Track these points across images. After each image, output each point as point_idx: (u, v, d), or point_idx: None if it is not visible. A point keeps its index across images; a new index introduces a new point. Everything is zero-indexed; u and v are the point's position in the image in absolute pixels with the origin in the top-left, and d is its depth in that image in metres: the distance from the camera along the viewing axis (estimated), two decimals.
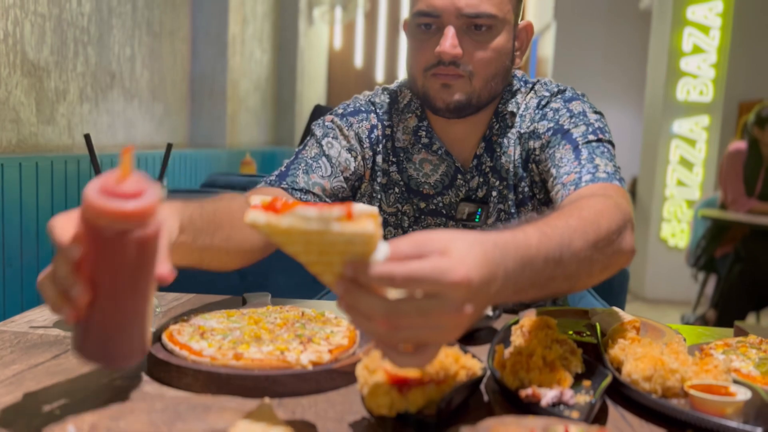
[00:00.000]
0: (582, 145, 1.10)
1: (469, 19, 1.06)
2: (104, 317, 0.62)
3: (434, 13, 1.06)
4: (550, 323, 0.87)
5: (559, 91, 1.20)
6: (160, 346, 0.80)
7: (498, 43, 1.09)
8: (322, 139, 1.19)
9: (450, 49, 1.05)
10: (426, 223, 1.22)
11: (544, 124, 1.15)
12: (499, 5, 1.07)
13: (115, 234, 0.58)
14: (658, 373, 0.75)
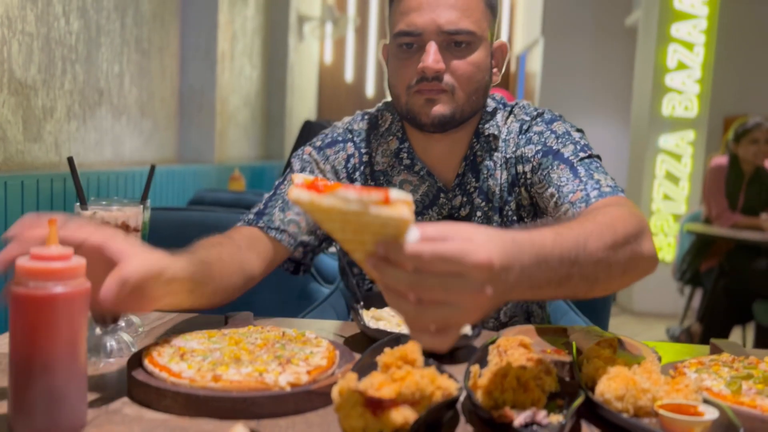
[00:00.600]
0: (577, 164, 1.13)
1: (449, 35, 1.09)
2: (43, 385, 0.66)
3: (415, 31, 1.10)
4: (525, 343, 0.88)
5: (538, 114, 1.23)
6: (140, 368, 0.80)
7: (477, 59, 1.12)
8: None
9: (433, 63, 1.08)
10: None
11: (531, 147, 1.18)
12: (477, 22, 1.11)
13: (47, 295, 0.65)
14: (629, 393, 0.76)
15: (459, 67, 1.11)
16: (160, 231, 1.47)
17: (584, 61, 6.99)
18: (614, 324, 4.74)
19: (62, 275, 0.66)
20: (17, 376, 0.66)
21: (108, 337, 0.94)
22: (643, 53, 5.20)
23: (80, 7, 2.10)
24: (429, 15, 1.09)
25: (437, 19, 1.09)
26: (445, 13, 1.09)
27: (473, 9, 1.11)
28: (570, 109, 7.08)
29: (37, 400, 0.66)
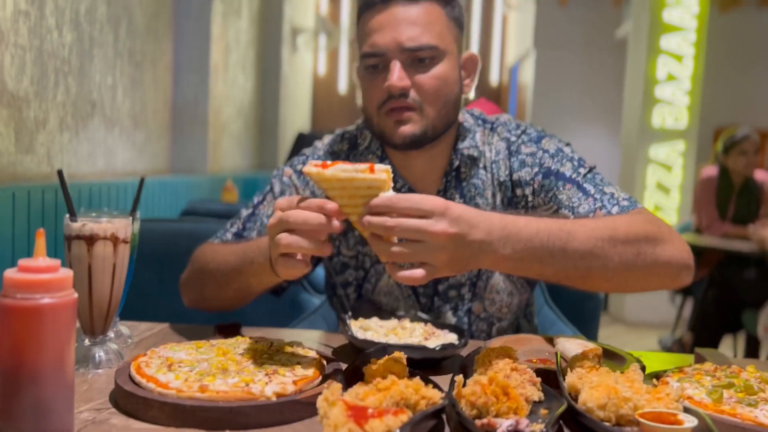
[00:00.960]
0: (582, 181, 1.13)
1: (411, 52, 1.10)
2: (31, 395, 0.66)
3: (379, 52, 1.11)
4: (510, 352, 0.89)
5: (522, 131, 1.23)
6: (128, 378, 0.81)
7: (442, 72, 1.13)
8: (278, 197, 1.23)
9: (397, 81, 1.09)
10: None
11: (528, 170, 1.18)
12: (440, 36, 1.12)
13: (34, 306, 0.66)
14: (611, 402, 0.77)
15: (424, 83, 1.11)
16: (152, 242, 1.48)
17: (575, 72, 7.05)
18: (606, 333, 4.75)
19: (49, 287, 0.67)
20: (5, 386, 0.67)
21: (97, 347, 0.95)
22: (633, 65, 5.25)
23: (73, 20, 2.11)
24: (390, 34, 1.10)
25: (398, 37, 1.10)
26: (406, 30, 1.10)
27: (435, 23, 1.12)
28: (561, 120, 7.13)
29: (24, 410, 0.66)
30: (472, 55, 1.21)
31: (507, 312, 1.25)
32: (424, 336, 1.06)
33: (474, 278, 1.21)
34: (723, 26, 6.87)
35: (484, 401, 0.75)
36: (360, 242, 1.24)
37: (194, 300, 1.22)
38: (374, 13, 1.12)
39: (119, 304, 0.99)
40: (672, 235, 1.05)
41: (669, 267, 1.02)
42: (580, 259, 0.95)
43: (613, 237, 0.97)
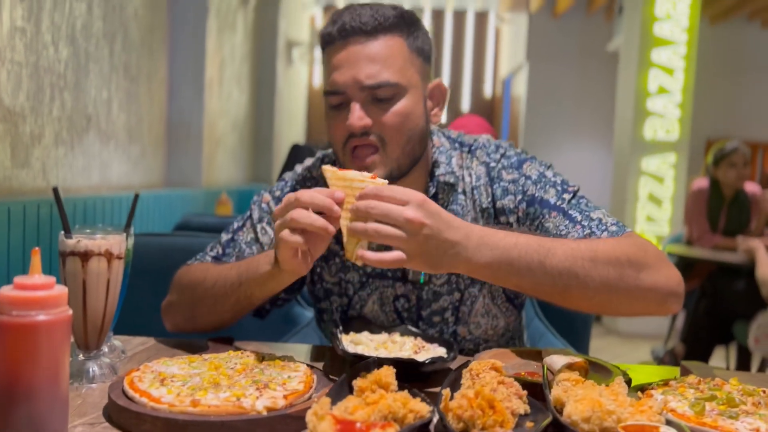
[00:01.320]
0: (567, 208, 1.12)
1: (371, 90, 1.07)
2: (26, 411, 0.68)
3: (339, 90, 1.08)
4: (497, 366, 0.91)
5: (502, 155, 1.20)
6: (121, 393, 0.82)
7: (404, 108, 1.10)
8: (257, 224, 1.24)
9: (357, 121, 1.07)
10: (373, 286, 1.22)
11: (511, 198, 1.16)
12: (400, 72, 1.09)
13: (29, 323, 0.68)
14: (595, 414, 0.79)
15: (386, 120, 1.08)
16: (146, 257, 1.49)
17: (568, 85, 7.12)
18: (600, 345, 4.77)
19: (44, 304, 0.69)
20: (0, 401, 0.68)
21: (90, 362, 0.96)
22: (624, 78, 5.31)
23: (69, 35, 2.13)
24: (349, 72, 1.07)
25: (357, 75, 1.07)
26: (365, 67, 1.07)
27: (395, 58, 1.09)
28: (554, 132, 7.19)
29: (19, 425, 0.68)
30: (439, 83, 1.19)
31: (493, 334, 1.24)
32: (414, 350, 1.07)
33: (457, 303, 1.20)
34: (713, 39, 6.96)
35: (471, 414, 0.77)
36: (342, 270, 1.23)
37: (182, 322, 1.21)
38: (334, 50, 1.10)
39: (113, 319, 1.01)
40: (660, 261, 1.05)
41: (653, 293, 1.02)
42: (559, 275, 0.96)
43: (594, 258, 0.98)
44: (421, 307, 1.21)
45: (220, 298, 1.14)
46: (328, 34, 1.11)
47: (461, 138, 1.25)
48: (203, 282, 1.17)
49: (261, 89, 5.09)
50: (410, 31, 1.12)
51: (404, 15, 1.12)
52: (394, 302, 1.22)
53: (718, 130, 6.75)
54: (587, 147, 7.15)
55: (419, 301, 1.20)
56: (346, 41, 1.09)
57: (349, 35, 1.08)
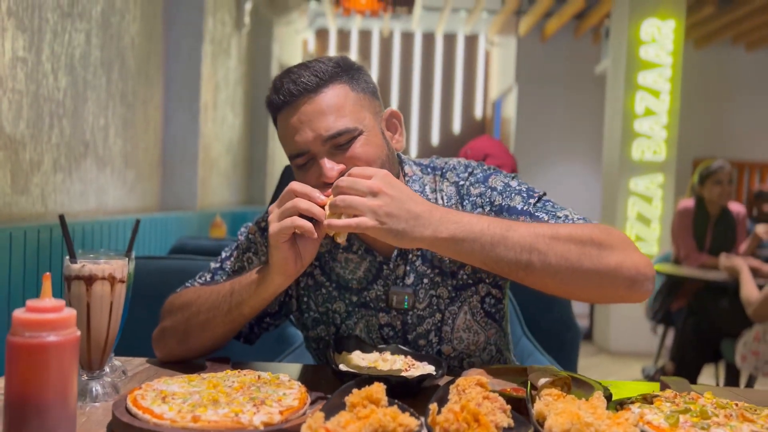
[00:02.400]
0: (534, 210, 1.17)
1: (332, 140, 1.12)
2: (35, 427, 0.72)
3: (303, 150, 1.13)
4: (482, 382, 0.96)
5: (469, 173, 1.25)
6: (125, 410, 0.86)
7: (366, 146, 1.14)
8: (243, 254, 1.28)
9: (330, 172, 1.10)
10: (359, 315, 1.25)
11: (480, 211, 1.21)
12: (353, 116, 1.14)
13: (40, 343, 0.72)
14: (574, 427, 0.84)
15: (354, 155, 1.13)
16: (143, 279, 1.54)
17: (556, 107, 7.24)
18: (592, 363, 4.81)
19: (54, 326, 0.73)
20: (11, 417, 0.72)
21: (94, 382, 1.00)
22: (612, 100, 5.41)
23: (68, 65, 2.19)
24: (307, 131, 1.11)
25: (315, 130, 1.11)
26: (320, 121, 1.11)
27: (343, 105, 1.13)
28: (543, 153, 7.29)
29: None
30: (391, 112, 1.24)
31: (475, 349, 1.28)
32: (404, 367, 1.11)
33: (438, 323, 1.24)
34: (699, 62, 7.11)
35: (456, 428, 0.81)
36: (328, 300, 1.26)
37: (175, 345, 1.22)
38: (286, 114, 1.14)
39: (115, 340, 1.05)
40: (625, 244, 1.08)
41: (619, 274, 1.04)
42: (521, 250, 1.01)
43: (556, 235, 1.02)
44: (407, 332, 1.25)
45: (213, 309, 1.16)
46: (276, 103, 1.15)
47: (433, 163, 1.29)
48: (196, 300, 1.20)
49: (255, 113, 5.17)
50: (351, 76, 1.17)
51: (341, 63, 1.17)
52: (380, 330, 1.25)
53: (705, 150, 6.87)
54: (577, 167, 7.25)
55: (404, 326, 1.24)
56: (295, 104, 1.13)
57: (296, 97, 1.12)
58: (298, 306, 1.31)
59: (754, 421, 0.93)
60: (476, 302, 1.26)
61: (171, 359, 1.22)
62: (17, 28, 1.85)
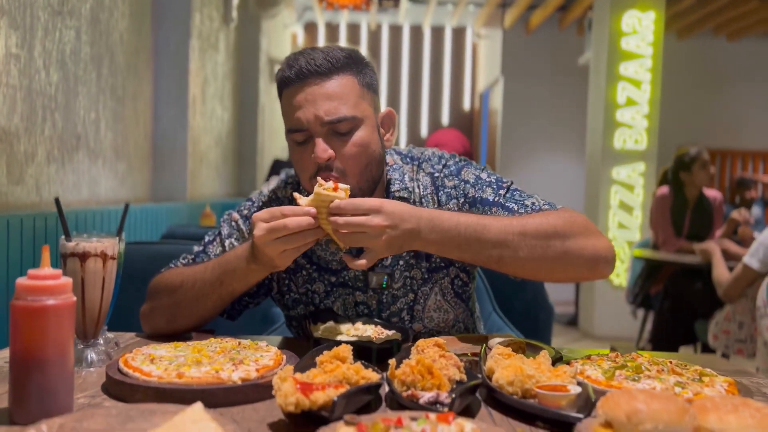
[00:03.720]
0: (504, 201, 1.28)
1: (331, 125, 1.20)
2: (38, 381, 0.82)
3: (302, 127, 1.21)
4: (440, 343, 1.06)
5: (443, 165, 1.35)
6: (117, 370, 0.97)
7: (362, 138, 1.22)
8: (225, 240, 1.37)
9: (322, 153, 1.19)
10: (337, 294, 1.35)
11: (455, 202, 1.31)
12: (355, 106, 1.21)
13: (40, 306, 0.82)
14: (518, 378, 0.94)
15: (346, 151, 1.21)
16: (135, 263, 1.63)
17: (541, 98, 7.35)
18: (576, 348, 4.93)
19: (53, 291, 0.83)
20: (16, 373, 0.82)
21: (88, 350, 1.10)
22: (594, 91, 5.52)
23: (59, 60, 2.28)
24: (310, 110, 1.19)
25: (317, 111, 1.19)
26: (324, 104, 1.19)
27: (348, 95, 1.21)
28: (530, 143, 7.39)
29: (32, 393, 0.82)
30: (388, 111, 1.32)
31: (444, 326, 1.38)
32: (374, 335, 1.22)
33: (411, 302, 1.34)
34: (681, 53, 7.23)
35: (412, 379, 0.92)
36: (308, 281, 1.36)
37: (163, 324, 1.30)
38: (293, 91, 1.22)
39: (108, 313, 1.15)
40: (587, 231, 1.20)
41: (581, 258, 1.18)
42: (493, 247, 1.14)
43: (524, 231, 1.15)
44: (381, 311, 1.35)
45: (202, 297, 1.26)
46: (287, 78, 1.23)
47: (411, 153, 1.39)
48: (182, 285, 1.29)
49: (244, 106, 5.25)
50: (359, 69, 1.26)
51: (352, 55, 1.26)
52: (356, 308, 1.35)
53: (688, 139, 6.99)
54: (561, 157, 7.37)
55: (379, 305, 1.34)
56: (304, 83, 1.21)
57: (306, 77, 1.21)
58: (279, 288, 1.41)
59: (682, 374, 1.04)
60: (447, 284, 1.37)
61: (158, 335, 1.31)
62: (10, 26, 1.93)
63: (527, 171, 7.36)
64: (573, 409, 0.88)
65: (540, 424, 0.88)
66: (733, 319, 3.04)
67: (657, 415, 0.70)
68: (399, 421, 0.75)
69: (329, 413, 0.80)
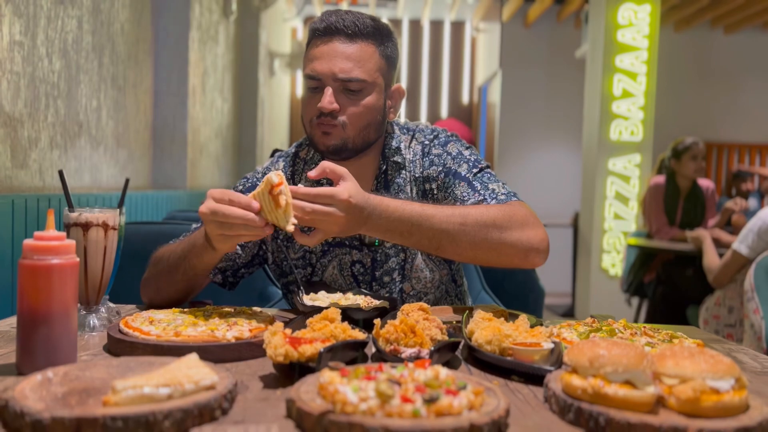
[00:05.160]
0: (472, 179, 1.39)
1: (343, 82, 1.32)
2: (44, 334, 0.87)
3: (317, 76, 1.33)
4: (424, 308, 1.12)
5: (435, 136, 1.47)
6: (117, 330, 1.02)
7: (368, 102, 1.35)
8: None
9: (327, 105, 1.31)
10: (333, 254, 1.44)
11: (435, 168, 1.43)
12: (369, 72, 1.33)
13: (46, 265, 0.87)
14: (495, 338, 1.00)
15: (351, 109, 1.33)
16: (136, 242, 1.70)
17: (539, 90, 7.39)
18: None
19: (57, 251, 0.89)
20: (23, 327, 0.88)
21: (91, 315, 1.16)
22: (591, 83, 5.56)
23: (62, 49, 2.33)
24: (327, 64, 1.31)
25: (333, 68, 1.31)
26: (341, 63, 1.31)
27: (366, 60, 1.33)
28: (528, 135, 7.44)
29: (38, 345, 0.88)
30: (398, 87, 1.44)
31: (431, 287, 1.47)
32: (363, 305, 1.28)
33: (402, 262, 1.44)
34: (678, 45, 7.27)
35: (395, 337, 0.98)
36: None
37: (153, 293, 1.37)
38: (318, 41, 1.34)
39: (109, 282, 1.21)
40: (524, 224, 1.28)
41: (514, 248, 1.27)
42: (434, 236, 1.22)
43: (464, 222, 1.23)
44: (375, 269, 1.42)
45: (173, 268, 1.33)
46: (316, 29, 1.35)
47: (407, 125, 1.52)
48: (163, 256, 1.37)
49: (244, 98, 5.30)
50: (383, 41, 1.37)
51: (380, 27, 1.37)
52: (351, 267, 1.43)
53: (685, 131, 7.03)
54: (559, 148, 7.42)
55: (373, 264, 1.42)
56: (330, 38, 1.33)
57: (333, 34, 1.33)
58: (273, 258, 1.47)
59: (653, 336, 1.10)
60: None
61: (153, 305, 1.37)
62: (14, 14, 1.99)
63: (525, 162, 7.41)
64: (546, 363, 0.94)
65: (515, 377, 0.94)
66: (723, 304, 3.09)
67: (617, 359, 0.76)
68: (380, 368, 0.80)
69: (316, 365, 0.86)
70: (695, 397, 0.73)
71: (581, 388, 0.76)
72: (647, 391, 0.74)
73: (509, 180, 6.95)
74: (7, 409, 0.69)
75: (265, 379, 0.89)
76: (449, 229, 1.22)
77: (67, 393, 0.76)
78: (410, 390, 0.71)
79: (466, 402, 0.71)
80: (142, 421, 0.67)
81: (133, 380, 0.72)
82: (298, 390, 0.76)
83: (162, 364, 0.86)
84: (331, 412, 0.69)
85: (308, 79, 1.35)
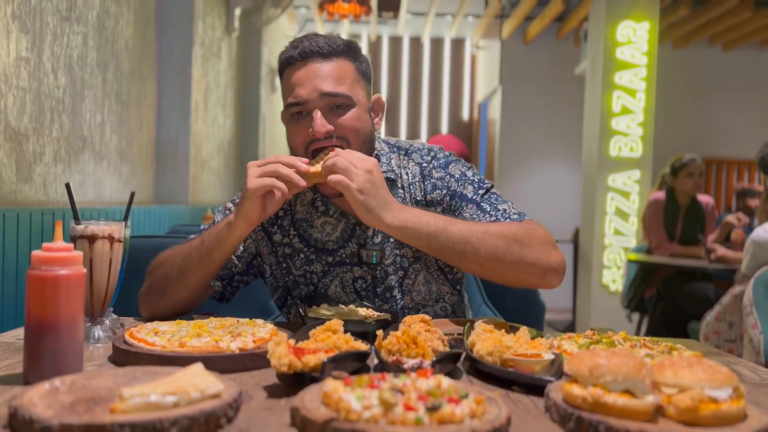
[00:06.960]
0: (480, 200, 1.38)
1: (330, 98, 1.31)
2: (50, 344, 0.89)
3: (302, 101, 1.31)
4: (426, 319, 1.13)
5: (432, 156, 1.45)
6: (123, 341, 1.03)
7: (356, 115, 1.34)
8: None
9: (321, 128, 1.29)
10: (335, 273, 1.43)
11: (439, 192, 1.42)
12: (350, 88, 1.33)
13: (54, 275, 0.89)
14: (497, 349, 1.01)
15: (344, 123, 1.32)
16: (141, 255, 1.70)
17: (539, 107, 7.44)
18: None
19: (65, 262, 0.90)
20: (31, 337, 0.89)
21: (96, 327, 1.17)
22: (590, 99, 5.60)
23: (67, 65, 2.36)
24: (310, 85, 1.30)
25: (317, 86, 1.30)
26: (323, 81, 1.30)
27: (346, 77, 1.33)
28: (528, 152, 7.48)
29: (45, 354, 0.89)
30: (378, 98, 1.45)
31: (429, 299, 1.47)
32: (365, 317, 1.29)
33: (401, 279, 1.44)
34: (677, 62, 7.33)
35: (398, 348, 0.99)
36: (306, 263, 1.44)
37: (156, 300, 1.37)
38: (295, 69, 1.33)
39: (114, 294, 1.22)
40: (544, 243, 1.28)
41: (535, 267, 1.26)
42: (457, 241, 1.22)
43: (487, 231, 1.24)
44: (376, 285, 1.43)
45: (187, 260, 1.33)
46: (290, 57, 1.34)
47: (399, 143, 1.50)
48: (171, 256, 1.38)
49: (245, 115, 5.34)
50: (356, 57, 1.38)
51: (351, 45, 1.38)
52: (354, 284, 1.44)
53: (684, 147, 7.06)
54: (559, 165, 7.45)
55: (374, 280, 1.43)
56: (306, 62, 1.33)
57: (308, 57, 1.33)
58: (273, 272, 1.48)
59: (652, 348, 1.11)
60: (432, 260, 1.46)
61: (154, 316, 1.37)
62: (21, 31, 2.02)
63: (525, 178, 7.44)
64: (546, 374, 0.95)
65: (516, 388, 0.95)
66: (723, 320, 3.09)
67: (616, 368, 0.77)
68: (383, 377, 0.81)
69: (319, 375, 0.87)
70: (694, 406, 0.74)
71: (581, 397, 0.77)
72: (646, 400, 0.75)
73: (510, 196, 6.97)
74: (17, 417, 0.71)
75: (269, 389, 0.90)
76: (472, 237, 1.23)
77: (75, 401, 0.77)
78: (413, 398, 0.72)
79: (468, 410, 0.72)
80: (149, 428, 0.68)
81: (139, 388, 0.73)
82: (303, 398, 0.77)
83: (167, 374, 0.87)
84: (336, 420, 0.70)
85: (291, 107, 1.33)
